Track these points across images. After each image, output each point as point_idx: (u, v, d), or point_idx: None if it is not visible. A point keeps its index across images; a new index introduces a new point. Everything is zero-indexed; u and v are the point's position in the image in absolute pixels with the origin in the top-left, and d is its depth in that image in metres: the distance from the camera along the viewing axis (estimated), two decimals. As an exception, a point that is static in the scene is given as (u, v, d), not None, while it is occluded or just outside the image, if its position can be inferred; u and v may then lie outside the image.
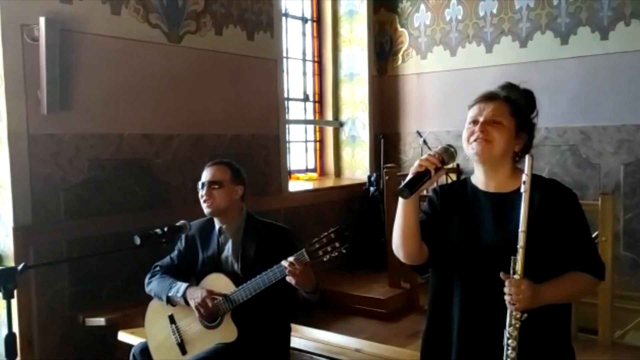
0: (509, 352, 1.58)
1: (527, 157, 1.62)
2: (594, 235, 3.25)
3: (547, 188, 1.71)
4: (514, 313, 1.58)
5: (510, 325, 1.59)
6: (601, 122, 4.89)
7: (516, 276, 1.57)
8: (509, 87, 1.79)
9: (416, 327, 3.89)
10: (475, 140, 1.70)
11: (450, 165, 1.79)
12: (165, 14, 4.00)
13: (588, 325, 3.54)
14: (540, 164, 5.03)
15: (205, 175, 2.59)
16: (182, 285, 2.52)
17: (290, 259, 2.25)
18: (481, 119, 1.71)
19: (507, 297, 1.58)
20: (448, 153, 1.69)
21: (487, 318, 1.67)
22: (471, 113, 1.75)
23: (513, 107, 1.72)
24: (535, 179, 1.64)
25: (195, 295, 2.45)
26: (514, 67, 5.10)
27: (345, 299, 4.62)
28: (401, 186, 1.63)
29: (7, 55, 3.19)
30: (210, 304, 2.43)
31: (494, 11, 5.39)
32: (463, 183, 1.86)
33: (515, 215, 1.60)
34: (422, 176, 1.63)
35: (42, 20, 3.23)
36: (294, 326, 2.79)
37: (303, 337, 3.11)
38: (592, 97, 4.90)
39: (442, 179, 2.52)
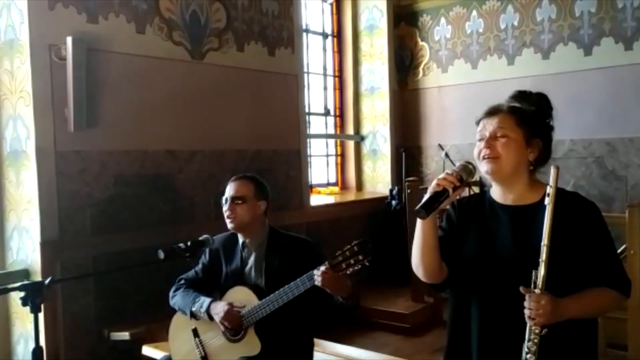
0: (528, 367, 1.55)
1: (552, 169, 1.58)
2: (621, 249, 3.20)
3: (568, 201, 1.66)
4: (533, 328, 1.55)
5: (529, 340, 1.55)
6: (627, 134, 4.81)
7: (537, 290, 1.54)
8: (519, 95, 1.76)
9: (440, 342, 3.84)
10: (484, 159, 1.67)
11: (472, 179, 1.77)
12: (189, 32, 4.07)
13: (617, 341, 3.46)
14: (565, 176, 4.96)
15: (229, 190, 2.61)
16: (205, 300, 2.53)
17: (316, 272, 2.26)
18: (486, 135, 1.68)
19: (526, 312, 1.55)
20: (466, 171, 1.67)
21: (507, 333, 1.64)
22: (478, 129, 1.73)
23: (519, 117, 1.68)
24: (557, 192, 1.61)
25: (219, 310, 2.46)
26: (537, 79, 5.06)
27: (367, 313, 4.58)
28: (418, 207, 1.62)
29: (35, 75, 3.27)
30: (234, 319, 2.43)
31: (515, 23, 5.37)
32: (481, 196, 1.84)
33: (534, 229, 1.57)
34: (439, 195, 1.61)
35: (69, 40, 3.31)
36: (316, 341, 2.78)
37: (325, 351, 3.10)
38: (617, 108, 4.83)
39: (464, 192, 2.49)
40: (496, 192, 1.77)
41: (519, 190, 1.72)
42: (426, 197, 1.63)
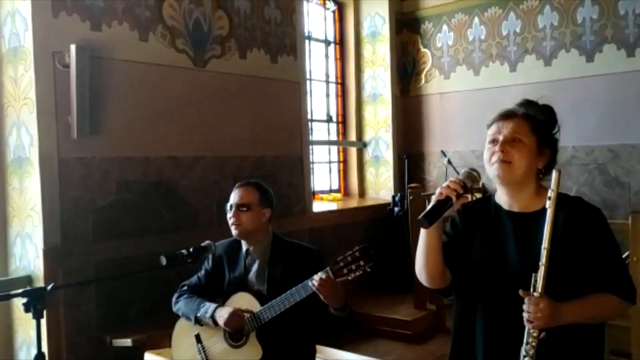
0: (526, 371, 1.54)
1: (554, 172, 1.57)
2: (624, 256, 3.18)
3: (571, 206, 1.66)
4: (531, 331, 1.54)
5: (527, 344, 1.55)
6: (630, 140, 4.80)
7: (536, 294, 1.53)
8: (527, 103, 1.76)
9: (442, 349, 3.83)
10: (496, 162, 1.66)
11: (477, 186, 1.76)
12: (191, 39, 4.09)
13: (621, 349, 3.44)
14: (567, 183, 4.95)
15: (234, 197, 2.60)
16: (210, 306, 2.52)
17: (315, 276, 2.25)
18: (500, 138, 1.67)
19: (525, 315, 1.54)
20: (470, 178, 1.66)
21: (511, 341, 1.63)
22: (490, 132, 1.72)
23: (533, 124, 1.68)
24: (560, 198, 1.59)
25: (224, 312, 2.46)
26: (539, 85, 5.07)
27: (370, 320, 4.57)
28: (421, 216, 1.61)
29: (39, 82, 3.29)
30: (238, 321, 2.43)
31: (517, 30, 5.38)
32: (487, 201, 1.82)
33: (538, 236, 1.56)
34: (442, 204, 1.60)
35: (72, 47, 3.33)
36: (318, 347, 2.77)
37: (328, 358, 3.08)
38: (620, 114, 4.83)
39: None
40: (502, 198, 1.76)
41: (525, 198, 1.71)
42: (429, 205, 1.62)
